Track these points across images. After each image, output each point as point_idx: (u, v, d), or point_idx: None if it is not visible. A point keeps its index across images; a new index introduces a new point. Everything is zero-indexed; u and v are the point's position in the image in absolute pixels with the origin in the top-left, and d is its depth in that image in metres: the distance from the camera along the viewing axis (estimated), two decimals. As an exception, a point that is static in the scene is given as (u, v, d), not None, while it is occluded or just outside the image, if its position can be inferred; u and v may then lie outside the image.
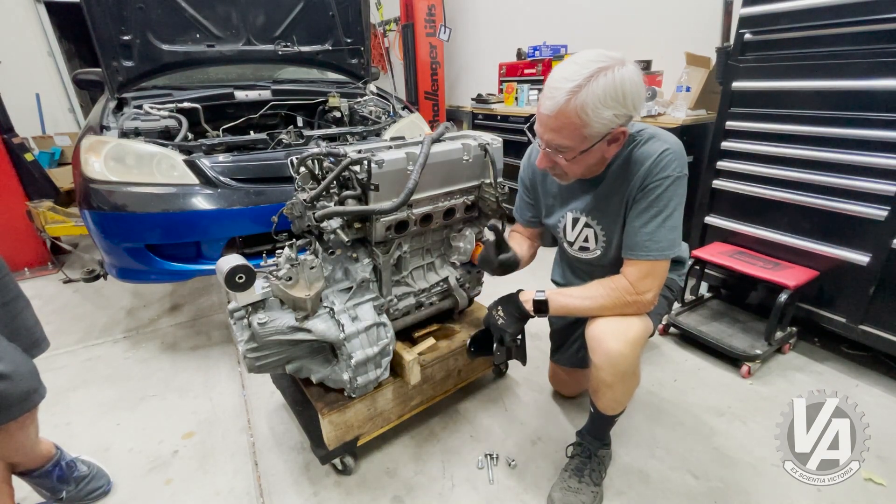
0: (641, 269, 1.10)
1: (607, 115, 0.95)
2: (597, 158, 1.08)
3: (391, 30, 5.67)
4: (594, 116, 0.95)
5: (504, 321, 1.22)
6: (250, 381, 1.87)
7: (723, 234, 2.15)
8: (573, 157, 1.04)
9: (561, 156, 1.05)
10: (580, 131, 0.98)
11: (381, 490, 1.37)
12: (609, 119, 0.96)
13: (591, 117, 0.95)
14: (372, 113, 2.59)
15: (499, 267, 1.28)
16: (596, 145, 1.02)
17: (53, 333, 2.04)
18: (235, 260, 1.10)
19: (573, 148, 1.02)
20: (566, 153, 1.04)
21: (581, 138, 1.00)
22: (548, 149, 1.07)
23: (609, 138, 1.02)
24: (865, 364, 1.86)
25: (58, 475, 1.26)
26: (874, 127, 1.58)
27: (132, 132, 1.96)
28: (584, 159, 1.05)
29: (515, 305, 1.22)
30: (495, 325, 1.23)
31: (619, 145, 1.07)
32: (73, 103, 5.21)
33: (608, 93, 0.93)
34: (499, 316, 1.23)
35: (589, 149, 1.02)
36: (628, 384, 1.18)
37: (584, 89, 0.93)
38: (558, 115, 0.97)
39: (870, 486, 1.33)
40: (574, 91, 0.94)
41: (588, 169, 1.12)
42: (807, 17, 1.68)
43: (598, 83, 0.93)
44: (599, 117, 0.95)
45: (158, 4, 2.23)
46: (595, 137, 1.00)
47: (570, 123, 0.97)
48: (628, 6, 3.13)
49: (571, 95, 0.94)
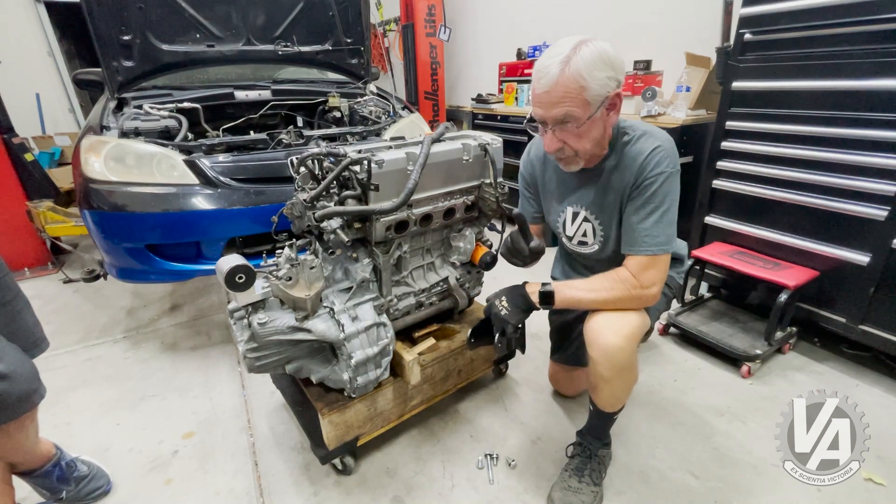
0: (643, 264, 1.12)
1: (601, 76, 0.99)
2: (600, 131, 1.09)
3: (391, 30, 5.67)
4: (590, 78, 0.99)
5: (508, 312, 1.21)
6: (250, 381, 1.87)
7: (723, 234, 2.15)
8: (581, 127, 1.05)
9: (569, 132, 1.06)
10: (581, 95, 1.01)
11: (381, 490, 1.37)
12: (604, 80, 1.00)
13: (588, 79, 0.99)
14: (372, 113, 2.59)
15: (529, 255, 1.28)
16: (598, 113, 1.04)
17: (53, 333, 2.04)
18: (235, 260, 1.10)
19: (579, 116, 1.03)
20: (572, 124, 1.05)
21: (584, 103, 1.02)
22: (554, 128, 1.07)
23: (607, 104, 1.05)
24: (865, 364, 1.86)
25: (58, 475, 1.26)
26: (874, 127, 1.58)
27: (132, 132, 1.96)
28: (590, 130, 1.07)
29: (521, 297, 1.22)
30: (498, 315, 1.21)
31: (617, 112, 1.09)
32: (73, 103, 5.21)
33: (595, 57, 0.98)
34: (502, 307, 1.22)
35: (593, 115, 1.04)
36: (626, 379, 1.19)
37: (573, 58, 0.98)
38: (557, 86, 1.00)
39: (870, 486, 1.33)
40: (565, 61, 0.98)
41: (595, 144, 1.12)
42: (807, 17, 1.68)
43: (584, 51, 0.99)
44: (595, 78, 0.99)
45: (158, 4, 2.22)
46: (596, 101, 1.02)
47: (571, 90, 1.00)
48: (628, 6, 3.13)
49: (564, 65, 0.98)
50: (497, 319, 1.22)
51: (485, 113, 3.83)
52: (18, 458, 1.17)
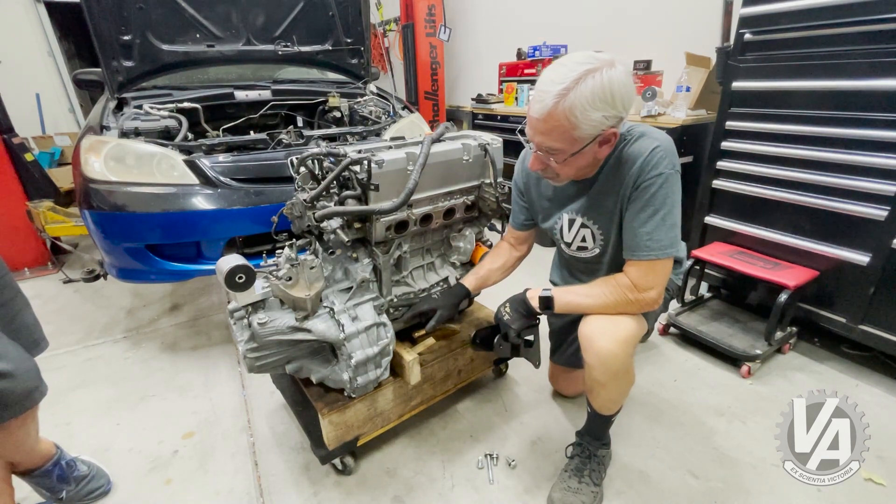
0: (642, 269, 1.10)
1: (596, 116, 0.95)
2: (588, 160, 1.08)
3: (391, 30, 5.67)
4: (583, 119, 0.94)
5: (510, 317, 1.23)
6: (250, 381, 1.87)
7: (723, 234, 2.15)
8: (564, 160, 1.04)
9: (552, 158, 1.06)
10: (570, 133, 0.98)
11: (381, 490, 1.37)
12: (598, 121, 0.96)
13: (581, 119, 0.95)
14: (372, 113, 2.59)
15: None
16: (587, 147, 1.02)
17: (53, 333, 2.04)
18: (235, 260, 1.10)
19: (563, 150, 1.02)
20: (557, 155, 1.04)
21: (571, 140, 1.00)
22: (539, 151, 1.07)
23: (600, 140, 1.02)
24: (865, 364, 1.86)
25: (58, 475, 1.26)
26: (874, 127, 1.58)
27: (132, 132, 1.96)
28: (575, 161, 1.05)
29: (522, 302, 1.24)
30: (501, 320, 1.25)
31: (610, 146, 1.06)
32: (73, 103, 5.21)
33: (596, 94, 0.93)
34: (505, 312, 1.25)
35: (580, 151, 1.02)
36: (621, 383, 1.19)
37: (572, 92, 0.93)
38: (547, 119, 0.97)
39: (870, 486, 1.33)
40: (562, 94, 0.93)
41: (580, 170, 1.12)
42: (807, 17, 1.68)
43: (585, 85, 0.92)
44: (588, 119, 0.95)
45: (158, 4, 2.23)
46: (585, 139, 1.00)
47: (560, 126, 0.97)
48: (628, 6, 3.13)
49: (560, 98, 0.94)
50: (501, 324, 1.25)
51: (485, 113, 3.82)
52: (19, 456, 1.17)
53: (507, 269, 1.46)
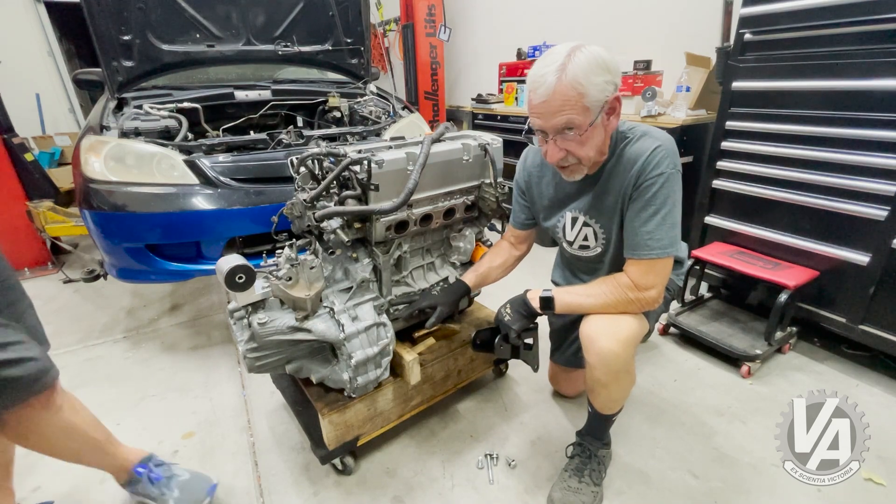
0: (643, 268, 1.11)
1: (599, 80, 0.98)
2: (601, 136, 1.08)
3: (391, 30, 5.66)
4: (588, 84, 0.98)
5: (510, 318, 1.23)
6: (250, 381, 1.87)
7: (723, 234, 2.15)
8: (583, 135, 1.04)
9: (571, 141, 1.05)
10: (581, 102, 0.99)
11: (381, 490, 1.37)
12: (602, 85, 0.99)
13: (587, 85, 0.98)
14: (372, 113, 2.59)
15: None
16: (598, 118, 1.03)
17: (53, 333, 2.03)
18: (235, 260, 1.10)
19: (581, 123, 1.02)
20: (576, 132, 1.03)
21: (584, 109, 1.01)
22: (556, 137, 1.06)
23: (607, 108, 1.04)
24: (865, 364, 1.86)
25: (150, 477, 1.24)
26: (874, 127, 1.58)
27: (132, 132, 1.96)
28: (592, 136, 1.05)
29: (522, 303, 1.24)
30: (502, 321, 1.25)
31: (617, 117, 1.08)
32: (73, 103, 5.21)
33: (591, 62, 0.97)
34: (506, 313, 1.25)
35: (594, 121, 1.03)
36: (622, 383, 1.19)
37: (569, 65, 0.97)
38: (555, 94, 0.99)
39: (870, 486, 1.33)
40: (561, 69, 0.97)
41: (598, 150, 1.11)
42: (806, 17, 1.68)
43: (578, 57, 0.97)
44: (593, 84, 0.98)
45: (158, 4, 2.22)
46: (596, 106, 1.01)
47: (570, 98, 0.99)
48: (628, 6, 3.13)
49: (560, 73, 0.97)
50: (501, 325, 1.25)
51: (485, 113, 3.82)
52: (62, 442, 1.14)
53: (506, 268, 1.47)
